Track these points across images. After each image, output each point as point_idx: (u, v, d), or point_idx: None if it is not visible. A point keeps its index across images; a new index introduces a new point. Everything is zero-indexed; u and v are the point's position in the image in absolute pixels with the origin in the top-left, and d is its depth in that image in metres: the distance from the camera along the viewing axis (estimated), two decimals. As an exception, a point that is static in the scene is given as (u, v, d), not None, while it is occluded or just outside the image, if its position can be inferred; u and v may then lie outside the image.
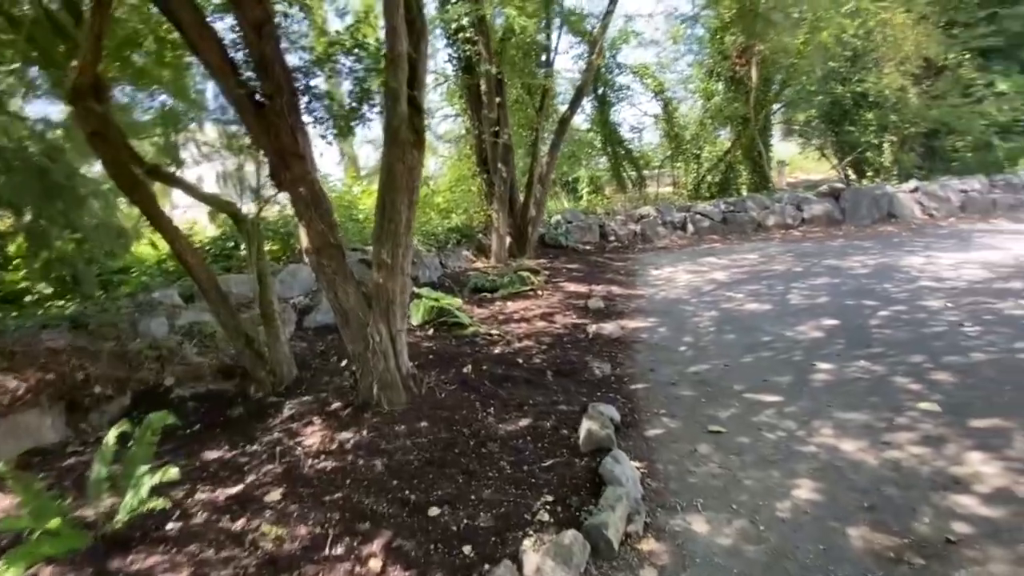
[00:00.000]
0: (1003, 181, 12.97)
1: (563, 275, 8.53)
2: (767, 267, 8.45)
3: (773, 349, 4.73)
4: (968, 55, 14.58)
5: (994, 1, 14.92)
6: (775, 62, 14.69)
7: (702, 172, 16.65)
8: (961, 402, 3.40)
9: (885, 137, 16.24)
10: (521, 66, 10.73)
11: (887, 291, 6.33)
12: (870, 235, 11.02)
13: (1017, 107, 14.25)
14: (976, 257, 7.85)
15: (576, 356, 4.77)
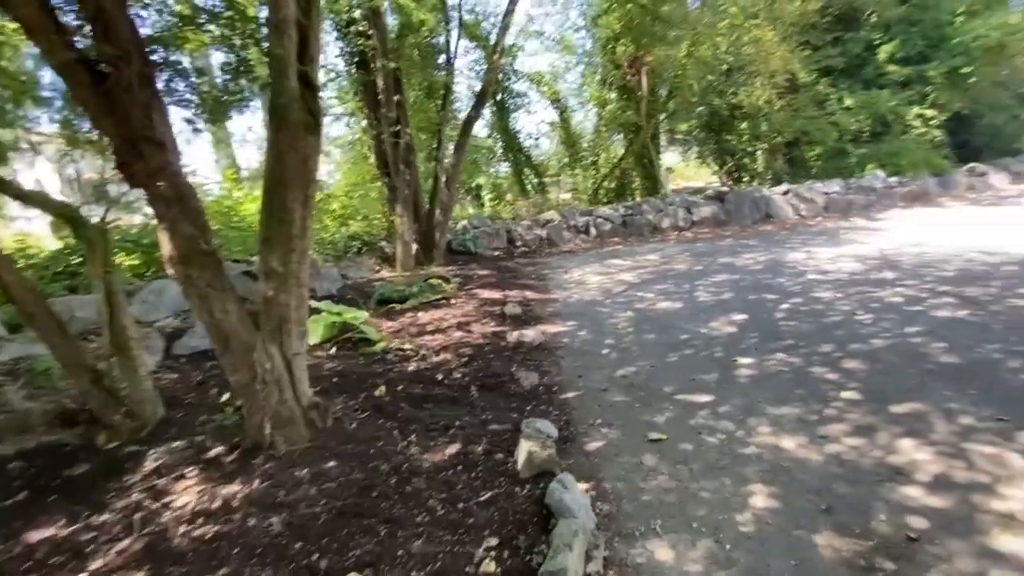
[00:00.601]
0: (856, 184, 14.68)
1: (475, 282, 8.17)
2: (670, 267, 8.70)
3: (693, 347, 4.71)
4: (815, 73, 16.43)
5: (839, 27, 16.98)
6: (662, 73, 15.53)
7: (599, 178, 17.16)
8: (876, 388, 3.50)
9: (758, 145, 17.85)
10: (421, 64, 10.28)
11: (782, 285, 6.69)
12: (753, 234, 11.87)
13: (862, 119, 16.27)
14: (847, 251, 8.64)
15: (500, 367, 4.41)
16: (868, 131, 16.82)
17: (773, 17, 13.56)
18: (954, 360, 3.83)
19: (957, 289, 5.71)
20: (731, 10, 12.91)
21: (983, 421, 2.95)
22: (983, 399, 3.20)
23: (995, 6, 16.77)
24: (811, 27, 16.73)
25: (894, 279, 6.45)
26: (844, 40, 17.06)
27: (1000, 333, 4.28)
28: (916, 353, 4.04)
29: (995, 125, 19.24)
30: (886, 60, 16.67)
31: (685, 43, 14.38)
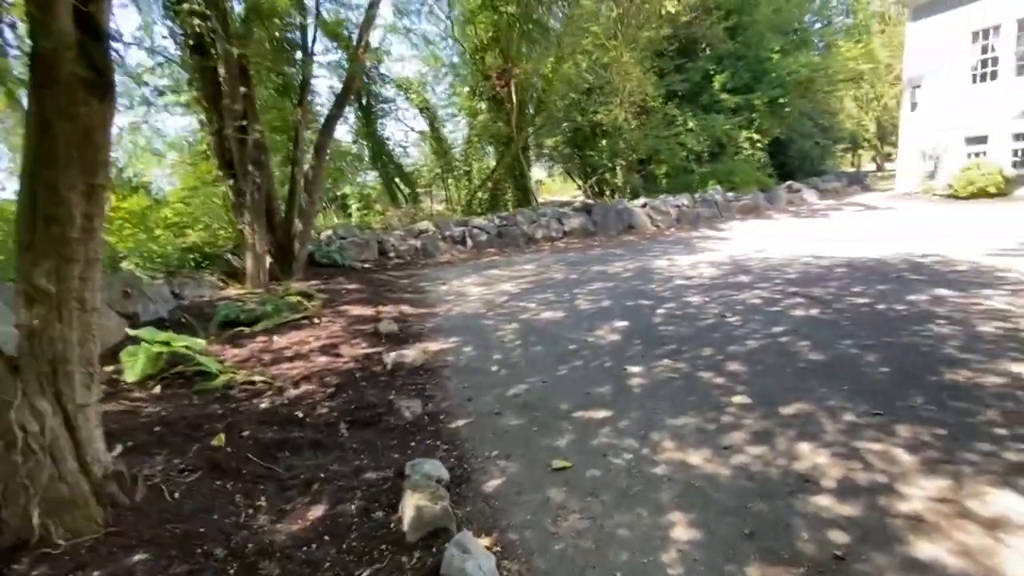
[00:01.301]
0: (701, 198, 16.17)
1: (344, 297, 7.34)
2: (548, 276, 8.65)
3: (582, 358, 4.51)
4: (663, 98, 18.00)
5: (682, 57, 18.77)
6: (529, 87, 15.84)
7: (473, 189, 16.98)
8: (762, 391, 3.53)
9: (617, 161, 19.01)
10: (274, 57, 9.16)
11: (654, 291, 6.89)
12: (619, 244, 12.43)
13: (702, 140, 18.07)
14: (703, 258, 9.30)
15: (376, 395, 3.80)
16: (708, 151, 18.77)
17: (629, 41, 14.49)
18: (820, 357, 4.05)
19: (804, 290, 6.28)
20: (593, 29, 13.52)
21: (862, 416, 3.05)
22: (855, 394, 3.35)
23: (802, 47, 19.77)
24: (660, 54, 18.31)
25: (749, 282, 6.96)
26: (686, 68, 18.92)
27: (850, 329, 4.67)
28: (787, 352, 4.22)
29: (804, 150, 22.71)
30: (720, 89, 18.77)
31: (550, 59, 14.82)
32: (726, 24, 17.80)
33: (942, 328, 4.51)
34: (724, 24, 17.75)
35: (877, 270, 7.09)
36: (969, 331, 4.38)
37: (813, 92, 19.63)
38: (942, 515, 2.17)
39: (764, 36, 18.32)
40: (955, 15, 16.47)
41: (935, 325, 4.61)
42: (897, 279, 6.48)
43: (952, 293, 5.63)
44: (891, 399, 3.25)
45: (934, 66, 17.28)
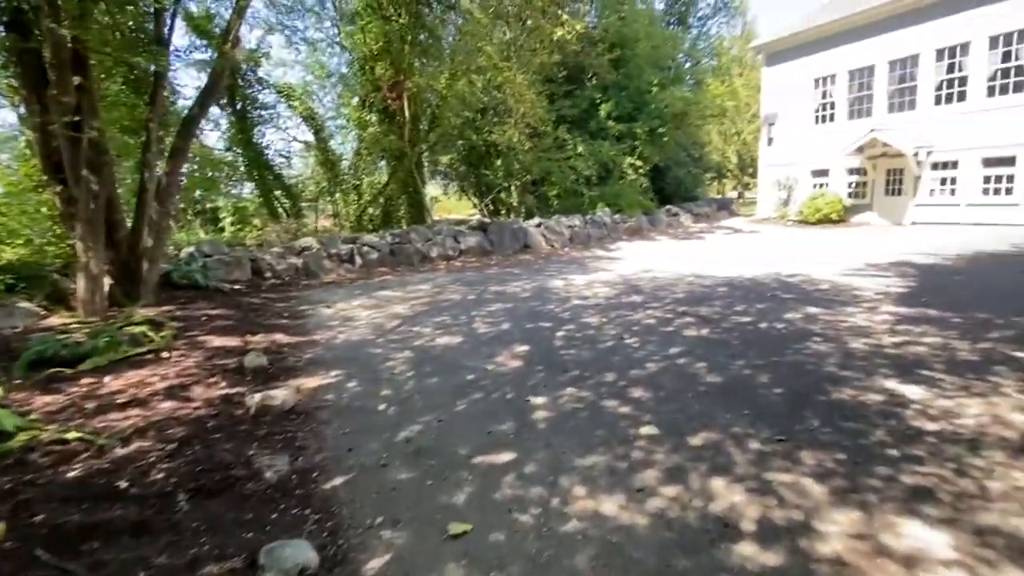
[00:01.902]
0: (591, 220, 16.73)
1: (203, 325, 6.32)
2: (444, 297, 8.21)
3: (482, 389, 4.13)
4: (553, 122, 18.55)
5: (571, 84, 19.49)
6: (424, 102, 15.45)
7: (363, 204, 16.10)
8: (668, 419, 3.39)
9: (511, 182, 19.17)
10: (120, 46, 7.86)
11: (553, 312, 6.74)
12: (516, 263, 12.34)
13: (591, 165, 18.80)
14: (597, 278, 9.42)
15: (231, 451, 3.11)
16: (596, 175, 19.59)
17: (522, 64, 14.70)
18: (718, 379, 4.03)
19: (692, 309, 6.46)
20: (486, 48, 13.50)
21: (767, 444, 2.98)
22: (757, 418, 3.31)
23: (677, 82, 21.45)
24: (550, 80, 18.86)
25: (642, 302, 7.06)
26: (575, 95, 19.68)
27: (740, 349, 4.78)
28: (686, 375, 4.17)
29: (679, 177, 24.56)
30: (606, 117, 19.75)
31: (444, 75, 14.58)
32: (610, 56, 18.82)
33: (819, 346, 4.76)
34: (609, 56, 18.76)
35: (754, 289, 7.56)
36: (843, 348, 4.66)
37: (687, 124, 21.37)
38: (861, 554, 2.06)
39: (644, 70, 19.62)
40: (801, 63, 18.82)
41: (813, 343, 4.86)
42: (772, 298, 6.92)
43: (821, 311, 6.07)
44: (790, 422, 3.24)
45: (785, 107, 19.57)
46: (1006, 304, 5.98)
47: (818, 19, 18.31)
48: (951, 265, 8.86)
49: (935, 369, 4.01)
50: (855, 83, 17.32)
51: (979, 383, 3.70)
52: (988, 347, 4.49)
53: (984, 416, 3.19)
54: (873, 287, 7.31)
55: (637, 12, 19.92)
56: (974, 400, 3.42)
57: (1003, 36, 13.80)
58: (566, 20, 13.30)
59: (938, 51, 15.12)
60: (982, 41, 14.16)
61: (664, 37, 20.42)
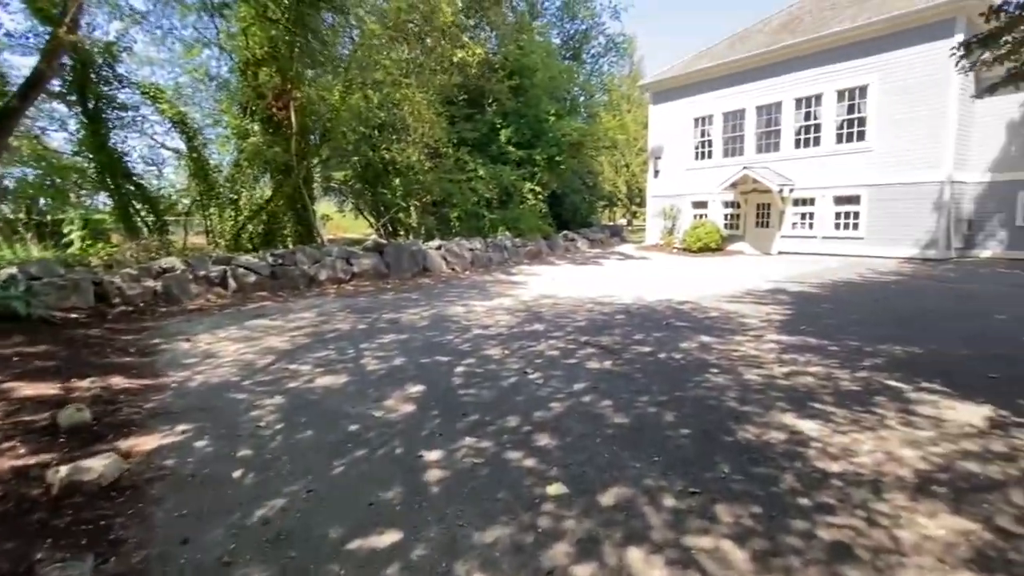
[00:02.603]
0: (492, 243, 16.57)
1: (10, 368, 5.04)
2: (331, 327, 7.43)
3: (366, 444, 3.55)
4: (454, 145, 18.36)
5: (472, 107, 19.43)
6: (315, 113, 14.44)
7: (242, 220, 14.59)
8: (577, 472, 3.06)
9: (411, 202, 18.54)
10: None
11: (452, 344, 6.28)
12: (414, 287, 11.74)
13: (492, 188, 18.75)
14: (498, 304, 9.13)
15: (8, 556, 2.26)
16: (497, 198, 19.59)
17: (422, 83, 14.30)
18: (625, 420, 3.81)
19: (594, 339, 6.32)
20: (384, 63, 12.94)
21: (682, 499, 2.74)
22: (668, 467, 3.08)
23: (572, 113, 22.24)
24: (451, 102, 18.65)
25: (544, 331, 6.83)
26: (476, 119, 19.65)
27: (643, 383, 4.63)
28: (592, 416, 3.90)
29: (575, 203, 25.40)
30: (506, 142, 19.90)
31: (337, 87, 13.75)
32: (510, 83, 19.07)
33: (718, 378, 4.75)
34: (509, 83, 18.99)
35: (650, 317, 7.65)
36: (739, 380, 4.68)
37: (582, 154, 22.18)
38: (796, 641, 1.82)
39: (542, 100, 20.10)
40: (683, 103, 20.34)
41: (711, 375, 4.85)
42: (668, 327, 7.01)
43: (714, 340, 6.20)
44: (701, 469, 3.05)
45: (670, 142, 21.00)
46: (869, 331, 6.50)
47: (697, 64, 19.96)
48: (818, 293, 9.69)
49: (825, 402, 4.10)
50: (729, 124, 19.00)
51: (866, 415, 3.80)
52: (865, 376, 4.73)
53: (878, 452, 3.22)
54: (756, 315, 7.71)
55: (535, 44, 20.45)
56: (865, 435, 3.47)
57: (847, 91, 15.85)
58: (467, 43, 13.15)
59: (796, 100, 17.03)
60: (831, 94, 16.16)
61: (560, 69, 21.14)
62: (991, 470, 2.98)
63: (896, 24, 14.59)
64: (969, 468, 3.01)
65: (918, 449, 3.26)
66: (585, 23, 26.30)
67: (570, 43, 26.63)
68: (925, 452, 3.21)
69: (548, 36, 23.72)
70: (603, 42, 27.08)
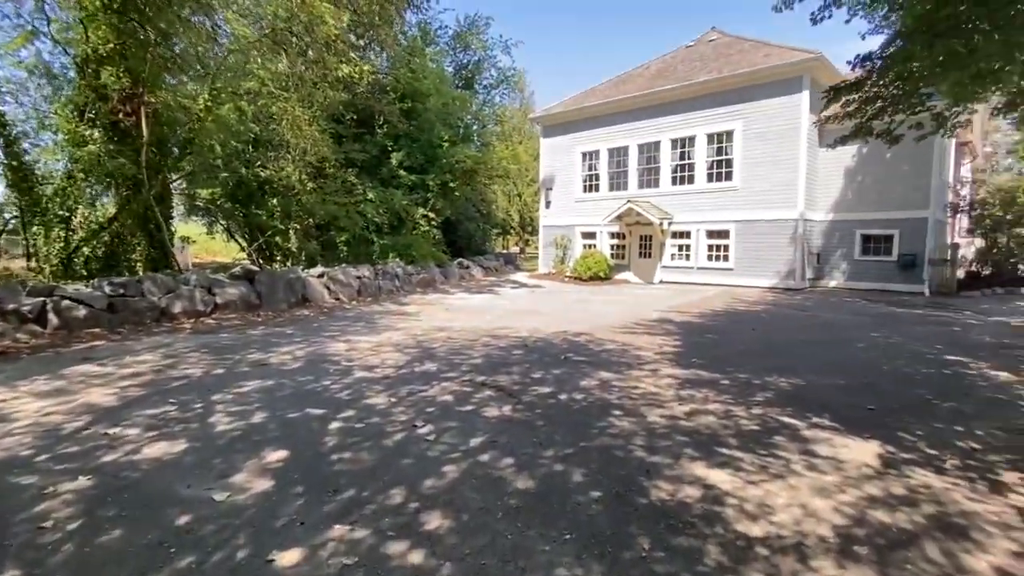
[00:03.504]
0: (383, 270, 15.63)
1: None
2: (177, 373, 6.19)
3: (197, 544, 2.69)
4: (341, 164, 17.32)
5: (361, 128, 18.52)
6: (175, 122, 12.71)
7: (75, 241, 12.30)
8: (473, 565, 2.48)
9: (290, 224, 17.01)
10: None
11: (329, 391, 5.43)
12: (290, 320, 10.51)
13: (382, 213, 17.86)
14: (387, 339, 8.34)
15: None
16: (388, 223, 18.71)
17: (304, 96, 13.21)
18: (529, 484, 3.31)
19: (492, 379, 5.82)
20: (259, 72, 11.75)
21: (602, 595, 2.27)
22: (582, 547, 2.62)
23: (466, 140, 22.11)
24: (338, 120, 17.61)
25: (437, 371, 6.21)
26: (365, 140, 18.74)
27: (546, 432, 4.19)
28: (493, 481, 3.36)
29: (469, 231, 25.16)
30: (397, 166, 19.19)
31: (203, 96, 12.23)
32: (402, 106, 18.50)
33: (622, 421, 4.46)
34: (401, 105, 18.41)
35: (547, 351, 7.34)
36: (643, 423, 4.42)
37: (476, 181, 22.09)
38: None
39: (435, 125, 19.74)
40: (572, 138, 21.08)
41: (615, 418, 4.55)
42: (566, 361, 6.73)
43: (612, 376, 5.99)
44: (618, 547, 2.62)
45: (560, 174, 21.59)
46: (751, 362, 6.71)
47: (584, 101, 20.86)
48: (701, 323, 10.10)
49: (730, 445, 3.94)
50: (614, 160, 19.96)
51: (771, 460, 3.67)
52: (761, 412, 4.71)
53: (793, 506, 3.03)
54: (649, 346, 7.72)
55: (428, 70, 20.14)
56: (776, 485, 3.29)
57: (716, 135, 17.34)
58: (354, 59, 12.40)
59: (673, 140, 18.32)
60: (703, 137, 17.58)
61: (454, 96, 21.00)
62: (900, 520, 2.89)
63: (754, 78, 16.28)
64: (881, 519, 2.90)
65: (828, 498, 3.12)
66: (477, 54, 26.60)
67: (463, 72, 26.74)
68: (836, 502, 3.08)
69: (441, 63, 23.58)
70: (495, 74, 27.56)
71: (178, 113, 11.98)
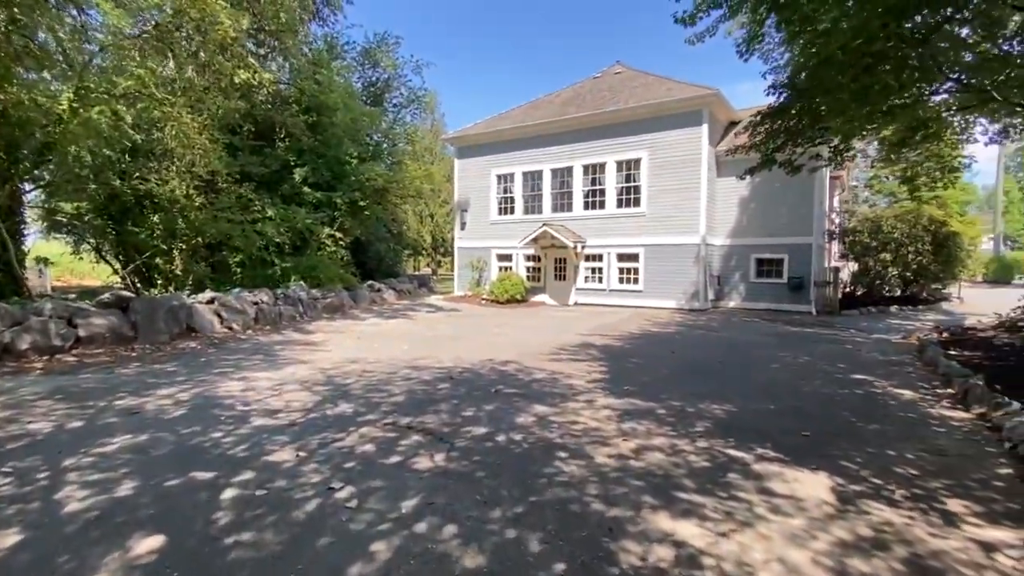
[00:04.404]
0: (284, 295, 14.28)
1: None
2: (16, 427, 4.94)
3: None
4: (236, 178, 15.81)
5: (261, 140, 17.08)
6: (27, 123, 10.78)
7: None
8: None
9: (175, 244, 15.11)
10: None
11: (220, 446, 4.53)
12: (173, 354, 9.12)
13: (283, 232, 16.47)
14: (290, 375, 7.40)
15: None
16: (290, 244, 17.30)
17: (193, 102, 11.81)
18: (480, 562, 2.78)
19: (418, 420, 5.21)
20: (139, 72, 10.31)
21: None
22: (558, 649, 2.14)
23: (376, 158, 21.20)
24: (233, 131, 16.08)
25: (354, 413, 5.48)
26: (265, 153, 17.30)
27: (490, 487, 3.68)
28: (436, 559, 2.78)
29: (380, 252, 24.06)
30: (301, 182, 17.89)
31: (67, 95, 10.50)
32: (307, 118, 17.35)
33: (569, 465, 4.07)
34: (305, 118, 17.25)
35: (476, 384, 6.84)
36: (592, 466, 4.06)
37: (387, 201, 21.21)
38: None
39: (343, 141, 18.72)
40: (487, 160, 20.96)
41: (561, 461, 4.15)
42: (497, 395, 6.27)
43: (549, 410, 5.61)
44: (600, 641, 2.18)
45: (476, 196, 21.35)
46: (680, 387, 6.66)
47: (498, 125, 20.89)
48: (622, 347, 10.09)
49: (687, 488, 3.67)
50: (529, 183, 20.07)
51: (734, 504, 3.44)
52: (706, 446, 4.54)
53: (772, 561, 2.77)
54: (578, 374, 7.47)
55: (336, 84, 19.15)
56: (747, 535, 3.04)
57: (625, 162, 18.00)
58: (253, 65, 11.30)
59: (584, 166, 18.76)
60: (612, 164, 18.17)
61: (363, 112, 20.07)
62: (880, 569, 2.72)
63: (659, 110, 17.15)
64: (861, 568, 2.72)
65: (803, 547, 2.91)
66: (387, 72, 25.89)
67: (372, 89, 25.88)
68: (812, 551, 2.87)
69: (349, 79, 22.58)
70: (405, 93, 26.98)
71: (32, 113, 10.15)
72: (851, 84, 6.86)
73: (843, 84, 6.90)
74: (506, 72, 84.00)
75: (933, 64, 7.05)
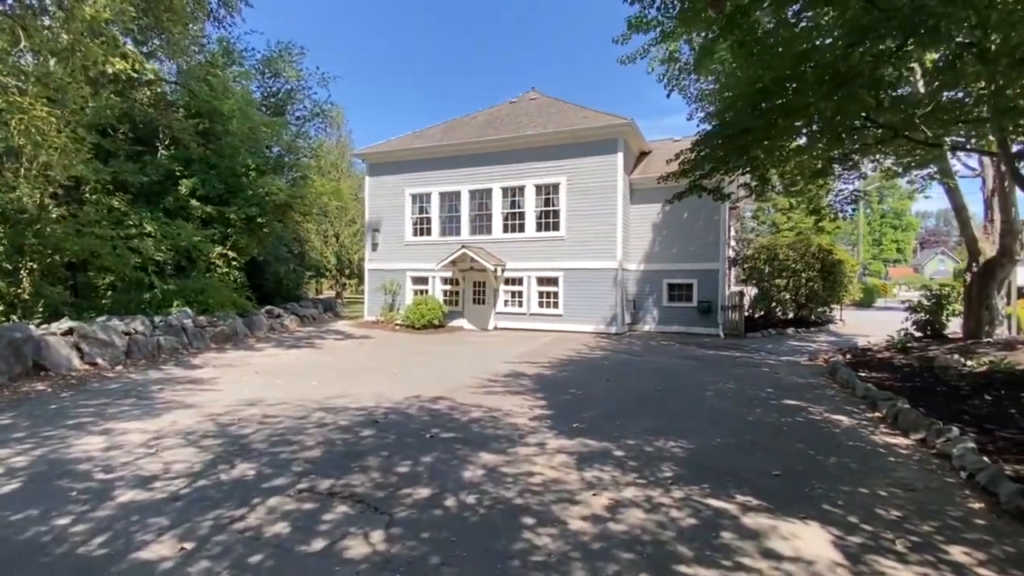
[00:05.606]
0: (164, 322, 12.29)
1: None
2: None
3: None
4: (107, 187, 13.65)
5: (139, 144, 14.91)
6: None
7: None
8: None
9: (23, 263, 12.52)
10: None
11: (69, 539, 3.32)
12: (11, 402, 7.26)
13: (165, 250, 14.38)
14: (170, 424, 6.03)
15: None
16: (173, 263, 15.15)
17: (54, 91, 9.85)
18: None
19: (342, 483, 4.26)
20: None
21: None
22: None
23: (277, 171, 19.45)
24: (107, 133, 13.88)
25: (256, 477, 4.40)
26: (145, 160, 15.13)
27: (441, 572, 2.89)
28: None
29: (280, 274, 22.01)
30: (188, 194, 15.86)
31: None
32: (196, 122, 15.47)
33: (542, 537, 3.38)
34: (194, 122, 15.36)
35: (406, 428, 5.95)
36: (569, 535, 3.40)
37: (289, 217, 19.49)
38: None
39: (239, 151, 16.95)
40: (401, 178, 20.00)
41: (530, 531, 3.45)
42: (434, 441, 5.44)
43: (498, 459, 4.89)
44: None
45: (388, 215, 20.23)
46: (628, 422, 6.24)
47: (413, 143, 20.08)
48: (555, 375, 9.61)
49: (685, 558, 3.13)
50: (446, 204, 19.38)
51: (743, 574, 2.93)
52: (683, 496, 4.06)
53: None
54: (518, 410, 6.83)
55: (231, 89, 17.38)
56: (776, 622, 2.53)
57: (544, 186, 17.93)
58: (132, 52, 9.66)
59: (504, 189, 18.45)
60: (532, 188, 18.03)
61: (262, 122, 18.35)
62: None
63: (576, 137, 17.33)
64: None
65: (841, 634, 2.45)
66: (290, 83, 24.22)
67: (273, 100, 24.04)
68: (855, 640, 2.41)
69: (247, 86, 20.70)
70: (310, 106, 25.38)
71: None
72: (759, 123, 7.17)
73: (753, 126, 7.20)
74: (413, 97, 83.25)
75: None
